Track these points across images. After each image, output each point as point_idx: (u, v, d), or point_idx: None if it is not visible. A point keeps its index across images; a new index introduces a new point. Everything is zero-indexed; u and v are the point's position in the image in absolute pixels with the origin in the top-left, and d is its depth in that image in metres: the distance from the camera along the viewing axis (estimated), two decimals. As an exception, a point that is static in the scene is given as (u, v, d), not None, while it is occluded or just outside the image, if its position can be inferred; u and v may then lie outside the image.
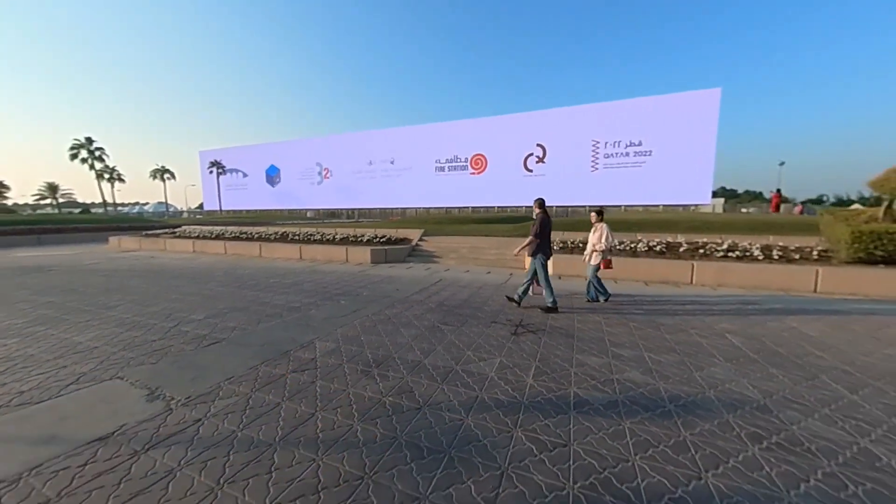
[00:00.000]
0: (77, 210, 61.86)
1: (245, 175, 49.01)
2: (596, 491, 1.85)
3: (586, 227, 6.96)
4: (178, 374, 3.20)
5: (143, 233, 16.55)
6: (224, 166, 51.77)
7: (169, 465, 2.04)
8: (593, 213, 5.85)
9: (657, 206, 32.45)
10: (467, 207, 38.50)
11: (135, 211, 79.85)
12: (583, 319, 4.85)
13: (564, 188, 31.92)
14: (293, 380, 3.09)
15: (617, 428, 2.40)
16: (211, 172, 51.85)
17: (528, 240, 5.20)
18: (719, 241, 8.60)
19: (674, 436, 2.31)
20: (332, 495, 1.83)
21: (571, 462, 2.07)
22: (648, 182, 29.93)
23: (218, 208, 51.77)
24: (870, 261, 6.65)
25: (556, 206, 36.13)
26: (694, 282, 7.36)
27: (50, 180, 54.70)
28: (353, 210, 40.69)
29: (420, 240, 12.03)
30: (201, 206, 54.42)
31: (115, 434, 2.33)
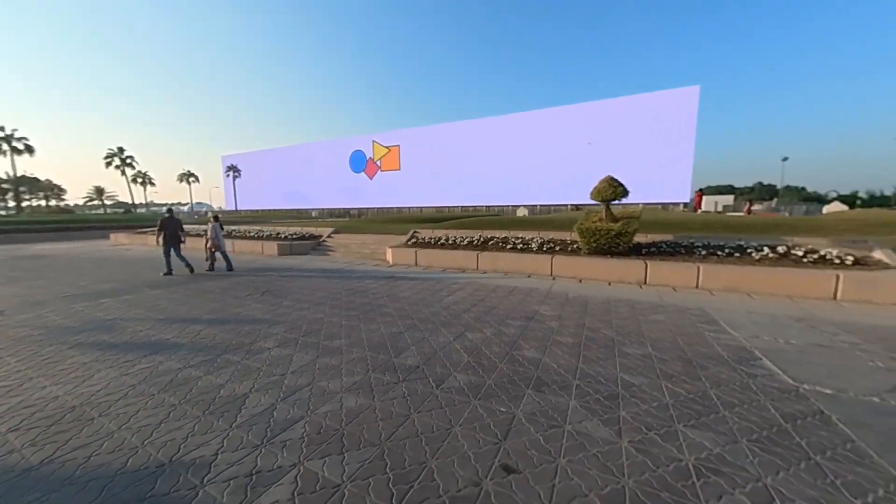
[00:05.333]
0: (121, 210, 70.29)
1: (258, 178, 53.74)
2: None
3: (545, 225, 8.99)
4: (22, 301, 5.89)
5: (137, 230, 20.32)
6: (239, 170, 57.19)
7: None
8: (211, 216, 9.99)
9: (637, 204, 32.85)
10: (457, 207, 40.62)
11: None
12: (306, 286, 7.12)
13: (548, 187, 33.02)
14: (77, 309, 5.67)
15: (189, 328, 4.74)
16: (228, 176, 57.56)
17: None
18: (530, 236, 10.39)
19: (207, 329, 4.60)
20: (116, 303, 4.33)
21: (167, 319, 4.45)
22: (630, 182, 30.41)
23: (234, 208, 57.38)
24: (601, 251, 8.29)
25: (540, 205, 37.37)
26: (478, 268, 9.29)
27: (97, 184, 62.71)
28: (357, 209, 43.82)
29: (328, 236, 14.55)
30: (224, 205, 60.55)
31: (-36, 323, 5.01)
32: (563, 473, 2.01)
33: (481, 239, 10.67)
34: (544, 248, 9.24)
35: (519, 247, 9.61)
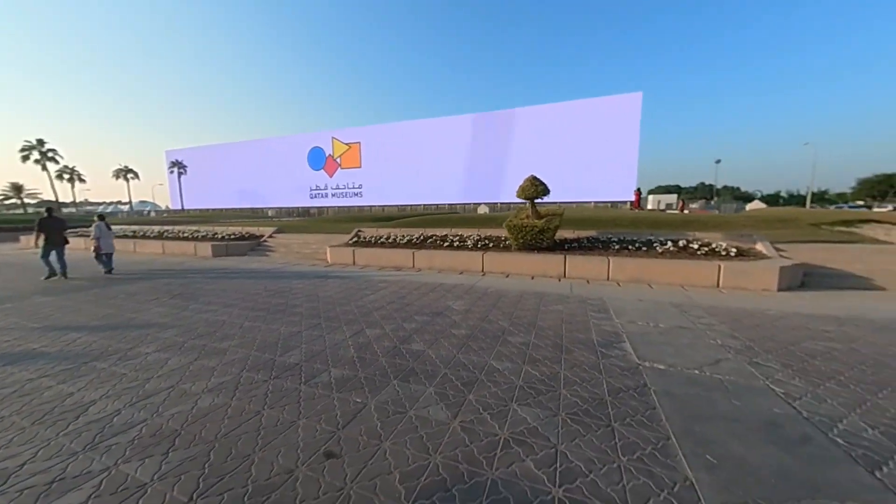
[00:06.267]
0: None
1: (208, 175, 50.27)
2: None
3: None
4: None
5: (55, 232, 18.36)
6: (185, 166, 53.32)
7: None
8: (97, 216, 9.30)
9: (589, 202, 34.91)
10: (420, 205, 40.58)
11: (108, 210, 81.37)
12: (226, 287, 6.84)
13: (508, 185, 33.96)
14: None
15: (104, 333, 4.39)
16: (172, 172, 53.42)
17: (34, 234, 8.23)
18: (468, 233, 10.67)
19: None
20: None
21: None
22: (581, 181, 32.36)
23: (180, 207, 53.38)
24: (528, 247, 8.71)
25: (500, 203, 38.34)
26: (414, 266, 9.41)
27: (14, 180, 55.71)
28: (317, 208, 42.25)
29: (270, 236, 14.02)
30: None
31: None
32: (380, 455, 2.12)
33: (421, 237, 10.78)
34: (479, 245, 9.52)
35: (455, 244, 9.83)
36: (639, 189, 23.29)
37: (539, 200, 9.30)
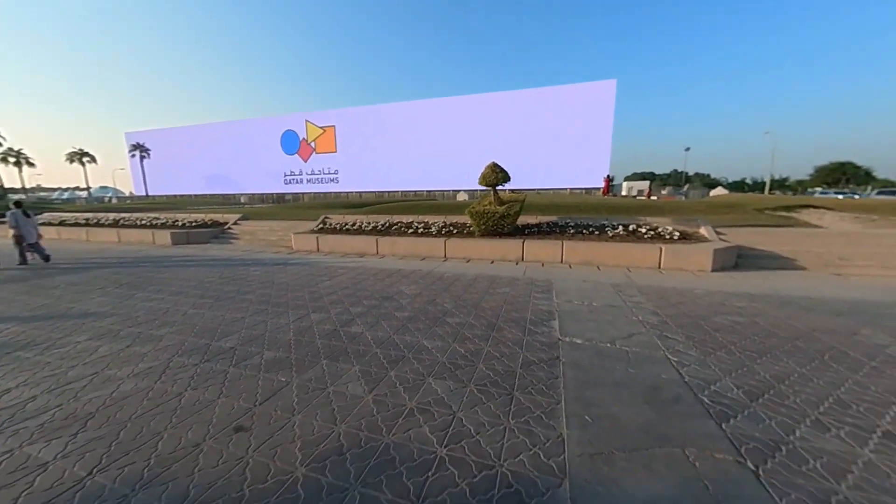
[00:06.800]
0: (-8, 197, 58.35)
1: (173, 159, 47.50)
2: None
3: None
4: None
5: (-2, 220, 17.16)
6: (148, 149, 50.15)
7: None
8: (13, 203, 8.63)
9: (564, 189, 35.53)
10: (398, 191, 40.17)
11: (64, 196, 76.28)
12: (179, 276, 6.71)
13: (471, 173, 34.07)
14: None
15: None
16: (133, 156, 50.20)
17: None
18: (434, 220, 10.77)
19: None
20: None
21: None
22: (555, 167, 32.77)
23: (144, 193, 50.48)
24: (490, 233, 8.93)
25: (480, 190, 38.45)
26: (378, 252, 9.46)
27: (-48, 165, 51.10)
28: (292, 194, 40.91)
29: (234, 223, 13.65)
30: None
31: None
32: (288, 427, 2.26)
33: (387, 224, 10.79)
34: (443, 232, 9.65)
35: (420, 231, 9.91)
36: (609, 176, 23.92)
37: (502, 187, 9.46)
